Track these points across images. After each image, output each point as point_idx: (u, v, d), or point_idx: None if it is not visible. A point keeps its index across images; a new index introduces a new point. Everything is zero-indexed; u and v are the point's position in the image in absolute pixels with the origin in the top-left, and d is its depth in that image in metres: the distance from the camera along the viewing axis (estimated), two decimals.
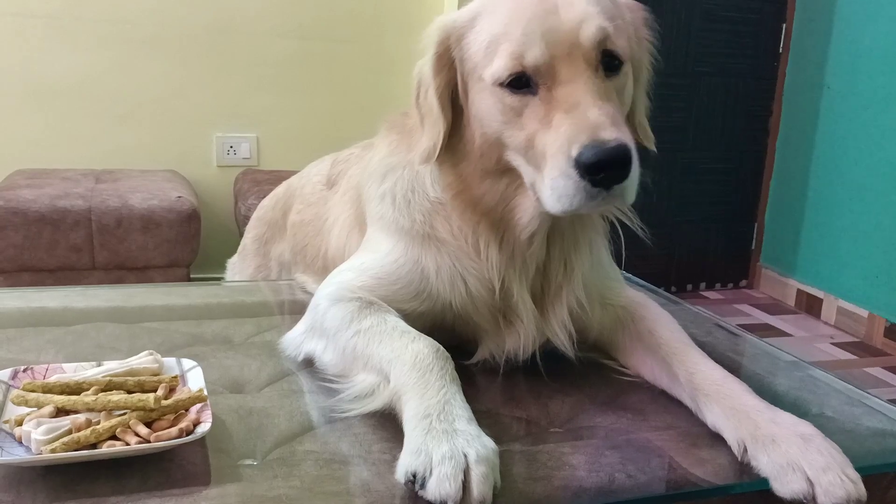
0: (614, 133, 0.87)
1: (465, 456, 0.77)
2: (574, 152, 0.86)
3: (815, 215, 3.86)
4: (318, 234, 1.38)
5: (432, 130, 1.02)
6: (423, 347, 0.93)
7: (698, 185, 4.03)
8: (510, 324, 1.06)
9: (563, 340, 1.07)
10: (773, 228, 4.15)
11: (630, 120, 1.06)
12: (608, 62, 0.95)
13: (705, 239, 4.12)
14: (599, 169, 0.86)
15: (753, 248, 4.23)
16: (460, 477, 0.75)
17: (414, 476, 0.77)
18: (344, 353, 1.01)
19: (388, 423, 0.91)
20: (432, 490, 0.75)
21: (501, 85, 0.94)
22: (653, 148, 1.00)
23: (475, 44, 0.98)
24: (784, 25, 3.98)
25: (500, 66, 0.94)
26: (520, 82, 0.93)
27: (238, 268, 1.69)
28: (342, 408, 0.94)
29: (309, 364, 1.08)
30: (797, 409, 0.92)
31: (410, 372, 0.90)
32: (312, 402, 0.99)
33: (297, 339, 1.11)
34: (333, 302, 1.05)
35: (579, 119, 0.88)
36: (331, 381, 1.01)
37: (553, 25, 0.92)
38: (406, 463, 0.78)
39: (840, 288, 3.69)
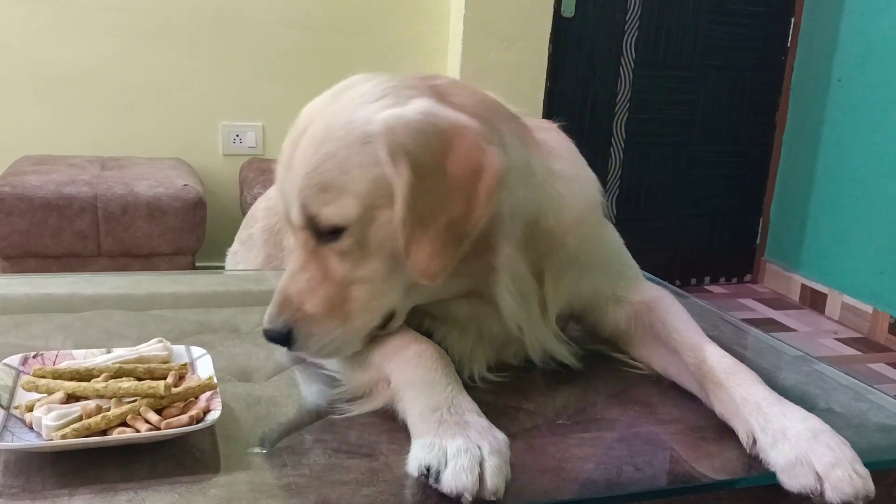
0: (279, 319, 0.92)
1: (479, 448, 0.77)
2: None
3: (820, 210, 3.86)
4: None
5: None
6: (425, 348, 0.93)
7: (704, 178, 4.02)
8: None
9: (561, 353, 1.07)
10: (779, 223, 4.14)
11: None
12: (323, 231, 0.91)
13: (710, 233, 4.11)
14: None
15: (758, 242, 4.22)
16: (477, 469, 0.75)
17: (428, 469, 0.76)
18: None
19: (395, 414, 0.91)
20: (448, 482, 0.75)
21: None
22: (429, 283, 0.89)
23: None
24: (793, 19, 3.96)
25: None
26: None
27: (242, 257, 1.68)
28: (340, 409, 0.94)
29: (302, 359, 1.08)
30: (804, 403, 0.91)
31: (414, 371, 0.90)
32: (320, 392, 0.99)
33: None
34: None
35: (276, 290, 0.94)
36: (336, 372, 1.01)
37: (285, 188, 0.94)
38: (419, 457, 0.78)
39: (845, 283, 3.69)
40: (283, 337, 0.92)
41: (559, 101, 3.65)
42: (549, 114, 3.59)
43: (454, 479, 0.75)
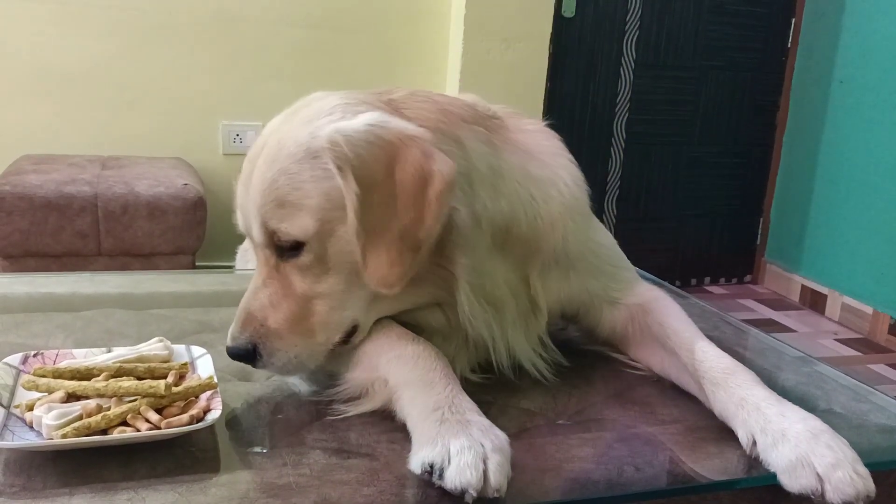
0: (242, 335, 0.93)
1: (483, 445, 0.77)
2: None
3: (821, 211, 3.86)
4: None
5: None
6: (423, 348, 0.93)
7: (704, 179, 4.02)
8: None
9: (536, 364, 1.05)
10: (779, 223, 4.14)
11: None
12: (283, 247, 0.92)
13: (710, 233, 4.11)
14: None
15: (759, 242, 4.22)
16: (481, 466, 0.75)
17: (431, 466, 0.76)
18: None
19: (393, 414, 0.91)
20: (452, 479, 0.75)
21: None
22: (388, 292, 0.90)
23: None
24: (793, 19, 3.96)
25: None
26: None
27: (252, 255, 1.68)
28: (337, 409, 0.93)
29: None
30: (805, 404, 0.91)
31: (413, 371, 0.90)
32: (319, 392, 0.99)
33: None
34: None
35: (239, 307, 0.95)
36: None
37: (244, 205, 0.95)
38: (422, 454, 0.78)
39: (845, 284, 3.69)
40: (247, 354, 0.92)
41: (559, 101, 3.65)
42: (548, 114, 3.59)
43: (458, 475, 0.75)
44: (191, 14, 3.27)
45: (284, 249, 0.91)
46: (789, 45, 3.99)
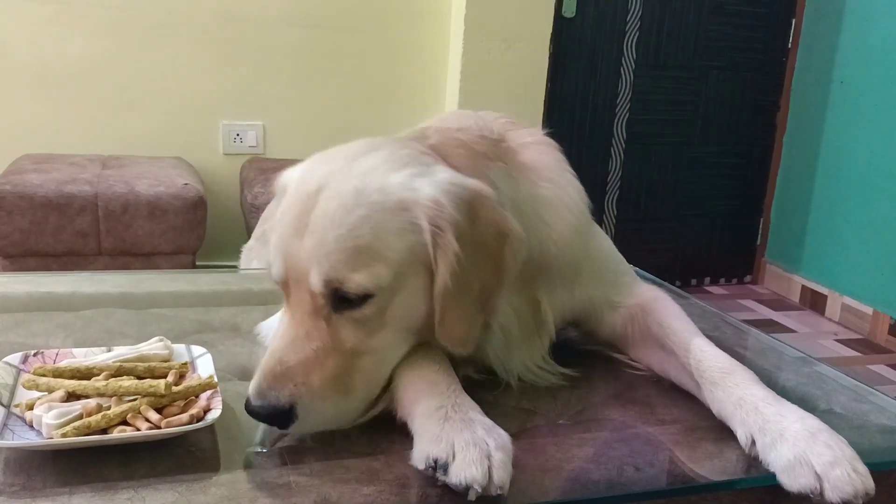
0: (280, 392, 0.82)
1: (486, 443, 0.78)
2: (248, 395, 0.85)
3: (821, 211, 3.86)
4: None
5: None
6: (425, 350, 0.93)
7: (704, 179, 4.02)
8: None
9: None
10: (779, 224, 4.14)
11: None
12: (343, 297, 0.85)
13: (710, 233, 4.11)
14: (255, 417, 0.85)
15: (759, 243, 4.22)
16: (486, 462, 0.75)
17: (435, 462, 0.77)
18: None
19: (393, 414, 0.91)
20: (456, 474, 0.75)
21: None
22: (461, 353, 0.90)
23: (276, 214, 0.94)
24: (793, 20, 3.96)
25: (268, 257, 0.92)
26: None
27: (256, 254, 1.69)
28: None
29: None
30: (805, 404, 0.91)
31: (415, 371, 0.90)
32: None
33: (275, 329, 1.10)
34: None
35: (268, 359, 0.85)
36: None
37: (294, 251, 0.86)
38: (426, 450, 0.78)
39: (845, 284, 3.69)
40: (280, 415, 0.83)
41: (560, 101, 3.65)
42: (549, 114, 3.59)
43: (463, 470, 0.75)
44: (191, 14, 3.27)
45: (345, 301, 0.85)
46: (789, 46, 3.99)
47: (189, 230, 2.84)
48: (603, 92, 3.74)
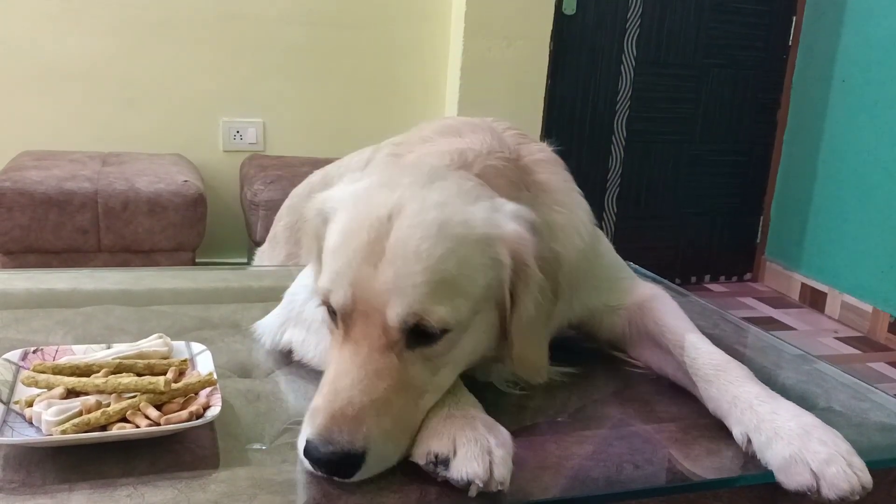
0: (345, 436, 0.76)
1: (487, 440, 0.78)
2: (303, 440, 0.78)
3: (821, 209, 3.86)
4: None
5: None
6: None
7: (705, 177, 4.02)
8: None
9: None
10: (779, 222, 4.14)
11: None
12: (421, 331, 0.82)
13: (710, 231, 4.11)
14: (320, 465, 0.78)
15: (759, 241, 4.22)
16: (487, 458, 0.76)
17: (436, 457, 0.77)
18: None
19: None
20: (457, 469, 0.75)
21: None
22: (539, 381, 0.93)
23: (328, 239, 0.89)
24: (794, 18, 3.96)
25: (321, 282, 0.87)
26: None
27: (268, 256, 1.69)
28: None
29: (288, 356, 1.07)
30: (804, 402, 0.92)
31: None
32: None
33: (274, 328, 1.09)
34: (313, 293, 1.01)
35: (332, 398, 0.78)
36: None
37: (366, 280, 0.81)
38: (427, 445, 0.79)
39: (845, 283, 3.69)
40: (353, 459, 0.76)
41: (560, 99, 3.65)
42: (549, 112, 3.59)
43: (465, 466, 0.75)
44: (191, 11, 3.27)
45: (420, 336, 0.82)
46: (790, 44, 3.99)
47: (189, 227, 2.84)
48: (603, 89, 3.74)
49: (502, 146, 1.04)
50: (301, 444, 0.78)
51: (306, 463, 0.78)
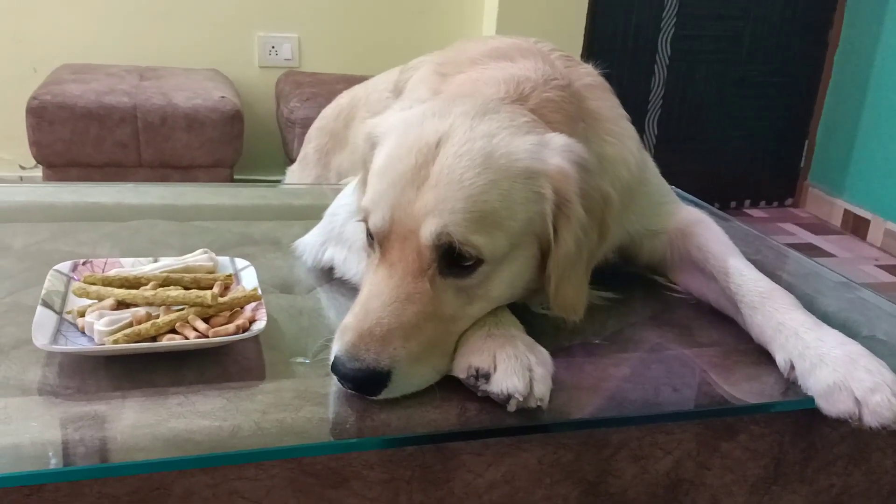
0: (371, 354, 0.77)
1: (528, 357, 0.79)
2: (332, 355, 0.80)
3: (869, 134, 3.73)
4: None
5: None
6: None
7: (749, 98, 3.90)
8: None
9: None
10: (824, 146, 4.02)
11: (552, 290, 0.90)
12: (454, 259, 0.82)
13: (753, 155, 4.02)
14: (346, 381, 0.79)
15: (802, 165, 4.12)
16: (527, 374, 0.77)
17: (477, 371, 0.78)
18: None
19: None
20: (498, 384, 0.77)
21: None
22: (574, 319, 0.90)
23: (375, 161, 0.90)
24: None
25: (363, 202, 0.88)
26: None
27: (297, 176, 1.70)
28: None
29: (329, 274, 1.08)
30: (847, 330, 0.91)
31: None
32: None
33: (316, 246, 1.10)
34: (353, 212, 1.03)
35: (363, 318, 0.80)
36: None
37: (406, 201, 0.82)
38: (468, 360, 0.80)
39: (889, 209, 3.60)
40: (375, 378, 0.78)
41: (602, 14, 3.53)
42: (591, 29, 3.48)
43: (505, 380, 0.76)
44: None
45: (453, 265, 0.82)
46: None
47: (227, 143, 2.85)
48: (648, 5, 3.60)
49: (555, 73, 1.01)
50: (330, 360, 0.80)
51: (334, 378, 0.80)
